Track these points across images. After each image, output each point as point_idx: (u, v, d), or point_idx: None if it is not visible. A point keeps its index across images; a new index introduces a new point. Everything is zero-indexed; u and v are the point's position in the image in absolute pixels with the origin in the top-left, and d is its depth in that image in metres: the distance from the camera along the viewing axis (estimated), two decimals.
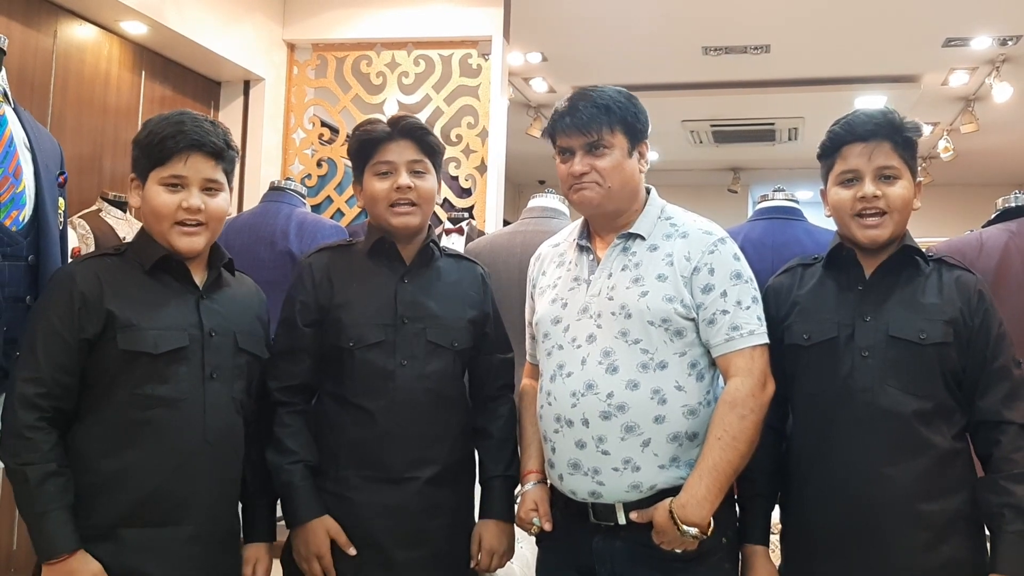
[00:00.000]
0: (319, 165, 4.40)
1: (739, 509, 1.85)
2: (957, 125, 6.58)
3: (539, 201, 2.86)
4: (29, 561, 1.71)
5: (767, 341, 1.77)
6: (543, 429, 1.85)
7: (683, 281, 1.77)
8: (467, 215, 4.05)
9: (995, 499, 1.69)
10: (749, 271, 1.81)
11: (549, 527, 1.83)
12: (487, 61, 4.29)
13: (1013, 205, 2.50)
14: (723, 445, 1.69)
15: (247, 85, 4.43)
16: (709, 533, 1.68)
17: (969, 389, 1.75)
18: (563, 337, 1.83)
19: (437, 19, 4.33)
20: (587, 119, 1.78)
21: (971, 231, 2.63)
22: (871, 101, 5.98)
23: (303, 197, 3.18)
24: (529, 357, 2.06)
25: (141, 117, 3.89)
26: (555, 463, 1.81)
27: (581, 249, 1.89)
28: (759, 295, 1.81)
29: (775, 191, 2.68)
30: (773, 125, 6.95)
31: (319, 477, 1.89)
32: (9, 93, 1.85)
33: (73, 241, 3.05)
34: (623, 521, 1.74)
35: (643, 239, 1.82)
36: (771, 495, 1.87)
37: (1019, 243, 2.37)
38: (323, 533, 1.84)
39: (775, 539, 1.93)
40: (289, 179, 3.41)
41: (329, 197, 4.31)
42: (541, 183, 8.14)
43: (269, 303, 1.97)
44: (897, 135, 1.78)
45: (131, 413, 1.68)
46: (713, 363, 1.78)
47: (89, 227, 3.23)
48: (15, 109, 1.86)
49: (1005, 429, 1.71)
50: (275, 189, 3.15)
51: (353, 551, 1.84)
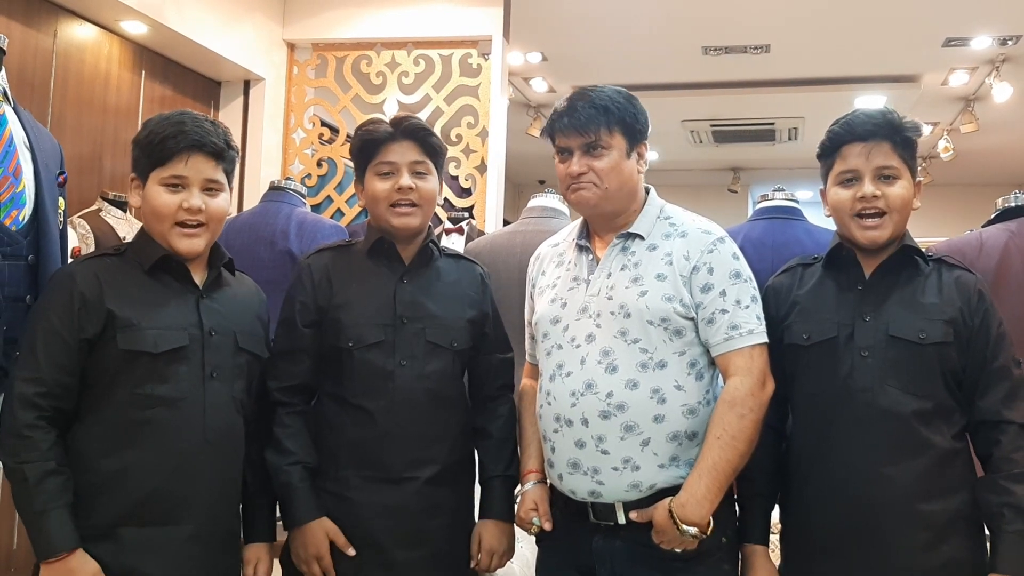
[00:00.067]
0: (319, 165, 4.40)
1: (739, 509, 1.85)
2: (957, 125, 6.57)
3: (539, 201, 2.86)
4: (29, 561, 1.71)
5: (766, 340, 1.77)
6: (542, 429, 1.85)
7: (682, 280, 1.77)
8: (467, 215, 4.05)
9: (995, 499, 1.69)
10: (748, 270, 1.81)
11: (549, 527, 1.83)
12: (487, 61, 4.29)
13: (1013, 205, 2.50)
14: (722, 444, 1.69)
15: (247, 85, 4.43)
16: (709, 533, 1.68)
17: (969, 389, 1.75)
18: (562, 337, 1.83)
19: (437, 19, 4.33)
20: (585, 120, 1.78)
21: (971, 231, 2.62)
22: (871, 101, 5.97)
23: (303, 197, 3.18)
24: (529, 357, 2.05)
25: (141, 117, 3.89)
26: (555, 463, 1.81)
27: (580, 249, 1.89)
28: (758, 294, 1.81)
29: (775, 191, 2.67)
30: (773, 125, 6.95)
31: (319, 477, 1.89)
32: (9, 93, 1.85)
33: (73, 241, 3.05)
34: (623, 521, 1.74)
35: (642, 239, 1.82)
36: (771, 495, 1.87)
37: (1019, 243, 2.37)
38: (322, 534, 1.83)
39: (775, 539, 1.93)
40: (289, 179, 3.41)
41: (329, 197, 4.31)
42: (541, 183, 8.14)
43: (269, 303, 1.97)
44: (896, 135, 1.78)
45: (131, 413, 1.68)
46: (712, 362, 1.78)
47: (89, 227, 3.23)
48: (15, 109, 1.86)
49: (1005, 429, 1.71)
50: (275, 189, 3.15)
51: (352, 552, 1.84)
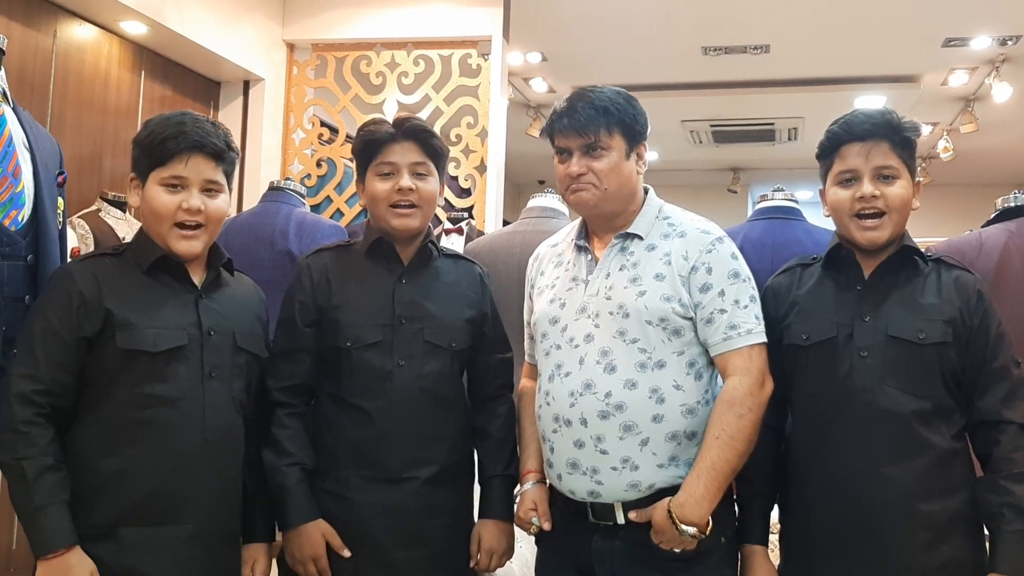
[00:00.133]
0: (319, 165, 4.39)
1: (738, 509, 1.85)
2: (957, 125, 6.57)
3: (538, 201, 2.87)
4: (29, 561, 1.71)
5: (765, 340, 1.77)
6: (541, 429, 1.85)
7: (681, 280, 1.76)
8: (467, 215, 4.04)
9: (995, 499, 1.69)
10: (747, 270, 1.81)
11: (548, 527, 1.83)
12: (487, 61, 4.29)
13: (1013, 205, 2.50)
14: (721, 444, 1.69)
15: (247, 85, 4.42)
16: (708, 532, 1.68)
17: (968, 389, 1.75)
18: (561, 337, 1.83)
19: (437, 19, 4.32)
20: (585, 120, 1.78)
21: (971, 231, 2.62)
22: (871, 101, 5.97)
23: (303, 197, 3.18)
24: (528, 357, 2.05)
25: (141, 117, 3.89)
26: (554, 463, 1.81)
27: (579, 249, 1.89)
28: (757, 294, 1.81)
29: (775, 191, 2.67)
30: (773, 125, 6.95)
31: (318, 477, 1.89)
32: (9, 93, 1.85)
33: (72, 241, 3.05)
34: (622, 520, 1.74)
35: (641, 239, 1.82)
36: (770, 495, 1.87)
37: (1019, 243, 2.37)
38: (318, 535, 1.83)
39: (775, 539, 1.93)
40: (288, 179, 3.41)
41: (329, 197, 4.30)
42: (541, 183, 8.13)
43: (268, 303, 1.97)
44: (895, 135, 1.78)
45: (130, 412, 1.68)
46: (711, 362, 1.78)
47: (88, 227, 3.23)
48: (14, 109, 1.86)
49: (1004, 429, 1.71)
50: (274, 189, 3.15)
51: (347, 553, 1.84)
